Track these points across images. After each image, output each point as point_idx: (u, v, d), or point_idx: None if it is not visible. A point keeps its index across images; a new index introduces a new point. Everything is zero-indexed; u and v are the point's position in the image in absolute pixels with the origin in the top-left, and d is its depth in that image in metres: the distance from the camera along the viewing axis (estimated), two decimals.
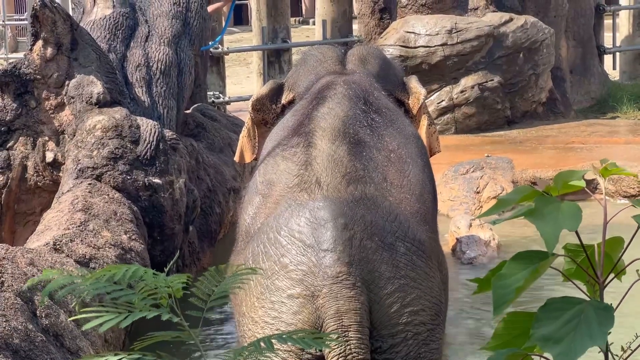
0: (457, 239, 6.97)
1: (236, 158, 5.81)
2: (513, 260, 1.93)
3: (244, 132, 5.72)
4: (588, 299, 1.92)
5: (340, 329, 3.96)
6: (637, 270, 2.00)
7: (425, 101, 5.68)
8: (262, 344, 2.04)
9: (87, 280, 1.95)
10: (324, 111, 4.80)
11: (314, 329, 3.99)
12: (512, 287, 1.89)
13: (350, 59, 5.67)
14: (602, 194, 2.03)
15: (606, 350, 1.96)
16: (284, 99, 5.61)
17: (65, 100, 6.01)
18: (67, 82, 6.03)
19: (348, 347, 3.95)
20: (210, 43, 8.89)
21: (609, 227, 2.00)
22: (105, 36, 6.82)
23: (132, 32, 6.99)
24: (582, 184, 1.99)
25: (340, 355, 3.96)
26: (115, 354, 1.88)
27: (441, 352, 4.40)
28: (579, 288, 2.05)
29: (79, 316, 2.10)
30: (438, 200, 5.27)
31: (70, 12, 7.14)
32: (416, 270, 4.22)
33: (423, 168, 4.89)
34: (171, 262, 2.37)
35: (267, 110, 5.62)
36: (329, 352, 3.97)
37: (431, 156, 5.56)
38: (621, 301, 2.05)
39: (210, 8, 8.99)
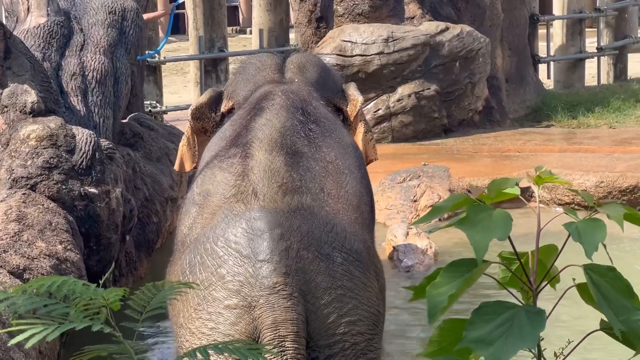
0: (394, 248, 7.00)
1: (176, 167, 5.78)
2: (447, 268, 1.95)
3: (183, 141, 5.69)
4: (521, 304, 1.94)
5: (277, 340, 3.96)
6: (574, 279, 2.02)
7: (363, 109, 5.69)
8: (197, 354, 2.03)
9: (17, 291, 1.92)
10: (262, 122, 4.80)
11: (251, 340, 3.98)
12: (445, 295, 1.91)
13: (289, 67, 5.67)
14: (537, 202, 2.06)
15: (539, 356, 1.98)
16: (223, 108, 5.60)
17: None
18: (0, 91, 5.95)
19: (285, 357, 3.95)
20: (148, 53, 8.83)
21: (544, 235, 2.02)
22: (39, 45, 6.74)
23: (67, 41, 6.92)
24: (517, 191, 2.02)
25: None
26: None
27: None
28: (514, 295, 2.08)
29: (12, 328, 2.07)
30: (375, 209, 5.28)
31: (4, 21, 7.06)
32: (353, 280, 4.23)
33: (360, 179, 4.91)
34: (107, 273, 2.35)
35: (207, 118, 5.60)
36: None
37: (368, 164, 5.58)
38: (555, 307, 2.07)
39: (146, 17, 8.94)
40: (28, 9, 7.00)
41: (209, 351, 2.10)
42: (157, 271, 5.61)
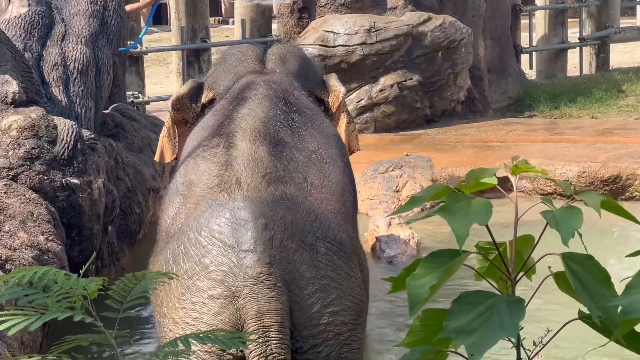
0: (376, 238, 7.01)
1: (156, 158, 5.78)
2: (426, 259, 1.96)
3: (164, 132, 5.69)
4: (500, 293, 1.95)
5: (261, 330, 3.97)
6: (549, 267, 2.04)
7: (345, 100, 5.70)
8: (179, 343, 2.04)
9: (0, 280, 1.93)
10: (245, 112, 4.81)
11: (234, 330, 3.99)
12: (426, 287, 1.92)
13: (270, 57, 5.67)
14: (514, 192, 2.07)
15: (518, 345, 2.00)
16: (204, 98, 5.60)
17: None
18: None
19: (269, 347, 3.96)
20: (130, 44, 8.81)
21: (523, 224, 2.03)
22: (20, 35, 6.72)
23: (49, 31, 6.90)
24: (494, 181, 2.03)
25: (261, 355, 3.96)
26: (29, 356, 1.87)
27: (362, 351, 4.43)
28: (492, 285, 2.09)
29: None
30: (358, 199, 5.30)
31: None
32: (337, 270, 4.24)
33: (343, 168, 4.92)
34: (88, 263, 2.36)
35: (187, 109, 5.60)
36: (250, 352, 3.97)
37: (350, 154, 5.59)
38: (532, 296, 2.08)
39: (128, 7, 8.91)
40: None
41: (191, 340, 2.10)
42: (140, 262, 5.61)
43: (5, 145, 5.62)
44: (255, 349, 3.94)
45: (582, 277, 1.92)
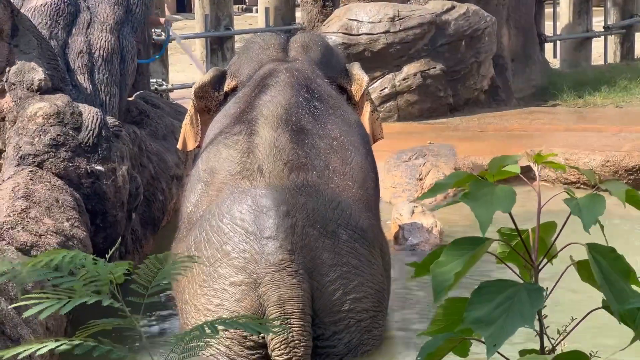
0: (399, 226, 7.01)
1: (179, 145, 5.80)
2: (451, 246, 1.96)
3: (186, 120, 5.71)
4: (522, 282, 1.95)
5: (282, 316, 3.98)
6: (571, 257, 2.04)
7: (368, 88, 5.70)
8: (206, 328, 2.05)
9: (27, 265, 1.95)
10: (266, 99, 4.81)
11: (257, 316, 4.00)
12: (450, 274, 1.92)
13: (293, 46, 5.67)
14: (537, 180, 2.07)
15: (541, 333, 2.00)
16: (227, 87, 5.61)
17: (5, 87, 5.95)
18: (7, 69, 5.97)
19: (290, 334, 3.98)
20: (152, 58, 8.89)
21: (545, 213, 2.03)
22: (46, 23, 6.75)
23: (74, 19, 6.92)
24: (517, 169, 2.03)
25: (283, 342, 3.98)
26: (56, 340, 1.89)
27: (383, 338, 4.44)
28: (514, 271, 2.09)
29: (20, 303, 2.10)
30: (380, 187, 5.30)
31: None
32: (358, 257, 4.25)
33: (365, 155, 4.92)
34: (112, 249, 2.37)
35: (210, 97, 5.62)
36: (272, 339, 3.99)
37: (374, 143, 5.59)
38: (556, 284, 2.09)
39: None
40: None
41: (218, 326, 2.12)
42: (163, 249, 5.62)
43: (31, 132, 5.65)
44: (277, 335, 3.96)
45: (605, 269, 1.92)
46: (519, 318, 1.83)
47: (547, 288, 1.97)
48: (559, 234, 2.07)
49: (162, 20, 10.13)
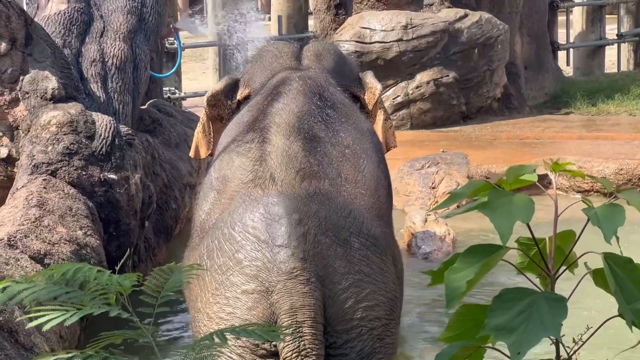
0: (412, 234, 7.01)
1: (191, 154, 5.80)
2: (465, 254, 1.96)
3: (199, 128, 5.71)
4: (540, 290, 1.94)
5: (294, 325, 3.97)
6: (585, 263, 2.03)
7: (381, 96, 5.70)
8: (215, 337, 2.05)
9: (37, 278, 1.95)
10: (279, 107, 4.81)
11: (269, 324, 3.99)
12: (464, 281, 1.91)
13: (306, 54, 5.67)
14: (554, 189, 2.06)
15: (557, 342, 1.99)
16: (240, 95, 5.61)
17: (19, 96, 5.97)
18: (21, 78, 5.99)
19: (302, 342, 3.96)
20: (163, 74, 8.93)
21: (561, 222, 2.03)
22: (60, 31, 6.77)
23: (87, 28, 6.95)
24: (534, 178, 2.02)
25: (295, 350, 3.97)
26: (67, 352, 1.89)
27: (396, 346, 4.43)
28: (531, 281, 2.08)
29: (31, 315, 2.10)
30: (393, 195, 5.29)
31: (25, 7, 7.09)
32: (370, 265, 4.24)
33: (378, 163, 4.91)
34: (124, 258, 2.38)
35: (222, 105, 5.62)
36: (283, 347, 3.98)
37: (387, 151, 5.59)
38: (572, 293, 2.08)
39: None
40: None
41: (226, 334, 2.12)
42: (176, 257, 5.64)
43: (45, 141, 5.67)
44: (288, 344, 3.95)
45: (621, 278, 1.91)
46: (540, 327, 1.82)
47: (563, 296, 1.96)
48: (575, 243, 2.06)
49: (173, 29, 10.14)
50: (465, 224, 7.27)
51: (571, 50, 15.58)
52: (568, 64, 15.63)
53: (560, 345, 2.03)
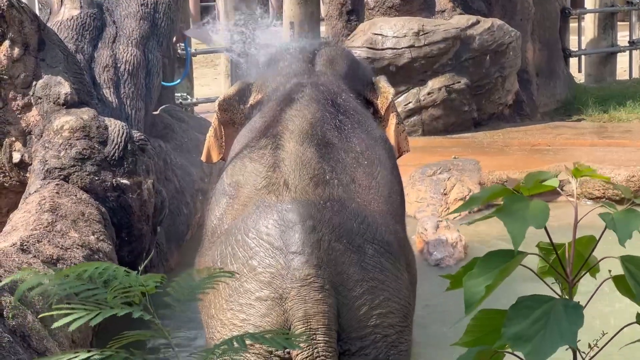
0: (424, 241, 6.99)
1: (202, 158, 5.79)
2: (483, 259, 1.95)
3: (210, 132, 5.70)
4: (558, 297, 1.94)
5: (308, 332, 3.96)
6: (610, 271, 2.02)
7: (394, 101, 5.69)
8: (235, 343, 2.04)
9: (57, 277, 1.94)
10: (292, 113, 4.80)
11: (282, 330, 3.99)
12: (482, 286, 1.91)
13: (319, 60, 5.67)
14: (569, 195, 2.05)
15: (574, 351, 1.98)
16: (252, 100, 5.60)
17: (32, 101, 5.98)
18: (34, 83, 6.00)
19: (316, 350, 3.95)
20: (173, 82, 8.96)
21: (578, 228, 2.02)
22: (72, 37, 6.79)
23: (100, 33, 6.96)
24: (555, 183, 2.01)
25: (308, 358, 3.96)
26: (88, 351, 1.88)
27: (410, 353, 4.42)
28: (550, 287, 2.07)
29: (49, 313, 2.09)
30: (405, 201, 5.28)
31: (37, 13, 7.11)
32: (384, 272, 4.23)
33: (391, 170, 4.91)
34: (144, 262, 2.37)
35: (235, 110, 5.61)
36: (297, 355, 3.97)
37: (400, 156, 5.58)
38: (590, 299, 2.07)
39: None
40: (61, 1, 7.05)
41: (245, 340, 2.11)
42: (188, 263, 5.64)
43: (57, 146, 5.67)
44: (302, 351, 3.94)
45: None
46: (557, 335, 1.81)
47: (579, 302, 1.95)
48: (594, 247, 2.06)
49: (183, 35, 10.16)
50: (477, 230, 7.25)
51: (583, 57, 15.55)
52: (580, 71, 15.60)
53: (577, 351, 2.02)
